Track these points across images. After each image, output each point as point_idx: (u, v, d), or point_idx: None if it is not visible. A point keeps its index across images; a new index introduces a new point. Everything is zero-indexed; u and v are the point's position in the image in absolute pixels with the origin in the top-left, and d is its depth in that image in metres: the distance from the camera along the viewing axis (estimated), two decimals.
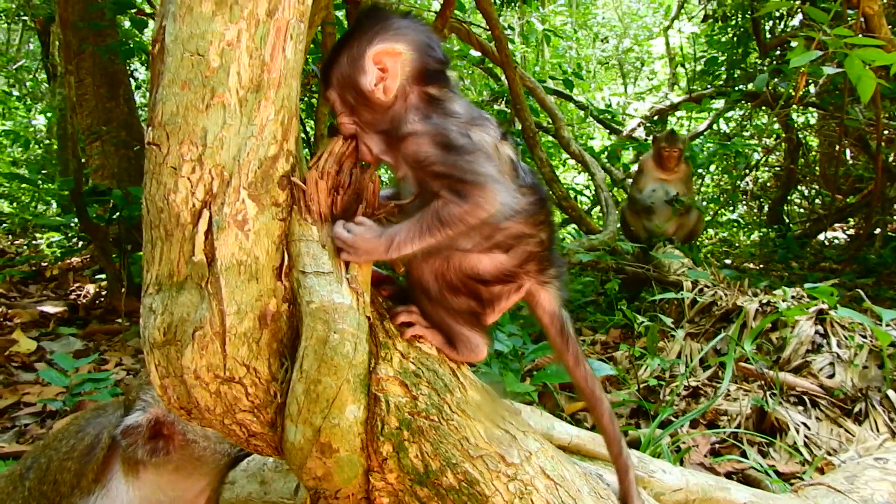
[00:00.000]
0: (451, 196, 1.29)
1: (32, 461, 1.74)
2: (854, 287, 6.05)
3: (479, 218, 1.29)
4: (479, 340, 1.46)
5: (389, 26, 1.39)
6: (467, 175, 1.28)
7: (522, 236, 1.42)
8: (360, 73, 1.38)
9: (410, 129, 1.35)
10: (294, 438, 1.29)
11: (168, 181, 1.24)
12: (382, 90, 1.37)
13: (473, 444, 1.35)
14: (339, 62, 1.41)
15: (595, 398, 1.60)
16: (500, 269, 1.43)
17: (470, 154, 1.30)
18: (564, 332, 1.59)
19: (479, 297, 1.45)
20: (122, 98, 7.09)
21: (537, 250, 1.46)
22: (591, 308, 6.68)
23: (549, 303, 1.55)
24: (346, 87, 1.40)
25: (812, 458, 3.14)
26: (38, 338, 4.68)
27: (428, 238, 1.31)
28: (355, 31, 1.42)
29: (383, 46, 1.37)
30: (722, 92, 8.78)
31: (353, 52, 1.39)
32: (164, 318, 1.26)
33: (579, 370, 1.60)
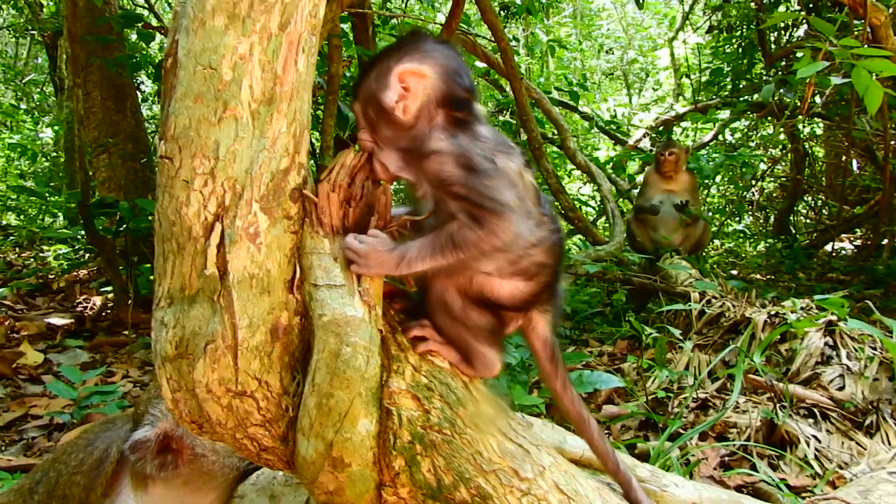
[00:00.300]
0: (468, 220, 1.28)
1: (42, 475, 1.73)
2: (862, 298, 6.02)
3: (492, 245, 1.29)
4: (495, 357, 1.46)
5: (420, 48, 1.40)
6: (485, 201, 1.28)
7: (543, 265, 1.41)
8: (384, 89, 1.39)
9: (435, 147, 1.34)
10: (306, 452, 1.28)
11: (180, 194, 1.24)
12: (402, 109, 1.38)
13: (486, 459, 1.34)
14: (368, 77, 1.43)
15: (583, 419, 1.61)
16: (517, 296, 1.43)
17: (492, 179, 1.30)
18: (554, 357, 1.59)
19: (499, 316, 1.45)
20: (129, 111, 7.13)
21: (551, 280, 1.46)
22: (597, 319, 6.66)
23: (543, 329, 1.55)
24: (368, 102, 1.42)
25: (823, 471, 3.12)
26: (45, 350, 4.68)
27: (440, 259, 1.31)
28: (390, 49, 1.44)
29: (409, 66, 1.38)
30: (727, 103, 8.78)
31: (381, 69, 1.40)
32: (175, 332, 1.26)
33: (566, 395, 1.60)
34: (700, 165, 6.80)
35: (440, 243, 1.30)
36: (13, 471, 2.82)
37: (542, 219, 1.38)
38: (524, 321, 1.52)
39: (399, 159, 1.41)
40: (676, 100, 12.48)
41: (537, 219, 1.36)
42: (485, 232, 1.27)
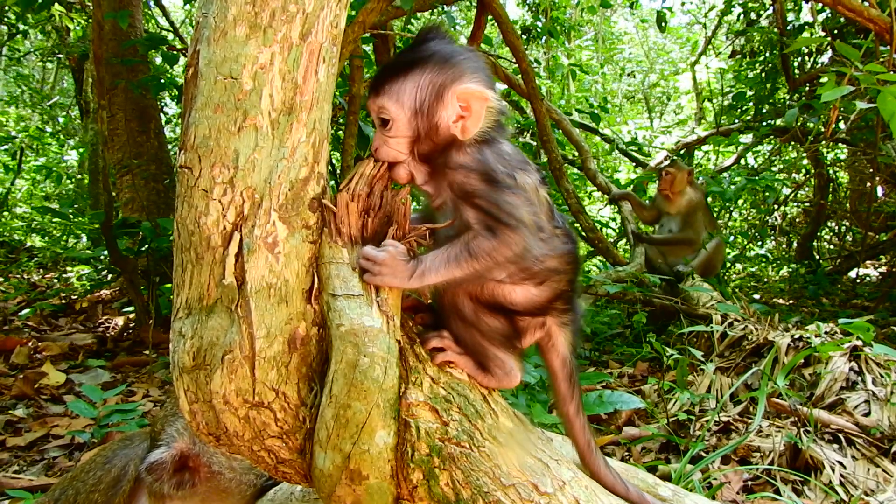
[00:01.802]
0: (484, 231, 1.32)
1: (60, 493, 1.73)
2: (887, 325, 5.92)
3: (504, 256, 1.32)
4: (514, 365, 1.45)
5: (474, 65, 1.42)
6: (503, 216, 1.31)
7: (555, 271, 1.43)
8: (441, 105, 1.38)
9: (463, 162, 1.36)
10: (323, 465, 1.27)
11: (199, 204, 1.24)
12: (461, 129, 1.38)
13: (506, 472, 1.32)
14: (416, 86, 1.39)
15: (590, 449, 1.59)
16: (531, 301, 1.44)
17: (512, 196, 1.33)
18: (572, 379, 1.59)
19: (513, 322, 1.45)
20: (153, 132, 7.24)
21: (565, 288, 1.47)
22: (617, 340, 6.60)
23: (563, 346, 1.56)
24: (419, 115, 1.39)
25: (849, 497, 3.04)
26: (68, 370, 4.72)
27: (454, 268, 1.32)
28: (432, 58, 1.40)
29: (473, 88, 1.38)
30: (750, 127, 8.74)
31: (436, 81, 1.38)
32: (193, 343, 1.25)
33: (578, 420, 1.60)
34: (722, 189, 6.74)
35: (455, 253, 1.33)
36: (34, 490, 2.82)
37: (554, 231, 1.42)
38: (543, 337, 1.52)
39: (425, 172, 1.43)
40: (698, 123, 12.45)
41: (550, 232, 1.40)
42: (499, 242, 1.31)
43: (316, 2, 1.27)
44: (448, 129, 1.38)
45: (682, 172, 6.56)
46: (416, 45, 1.44)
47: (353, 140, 5.74)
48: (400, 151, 1.41)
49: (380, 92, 1.41)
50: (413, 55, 1.41)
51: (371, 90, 1.43)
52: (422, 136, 1.40)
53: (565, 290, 1.48)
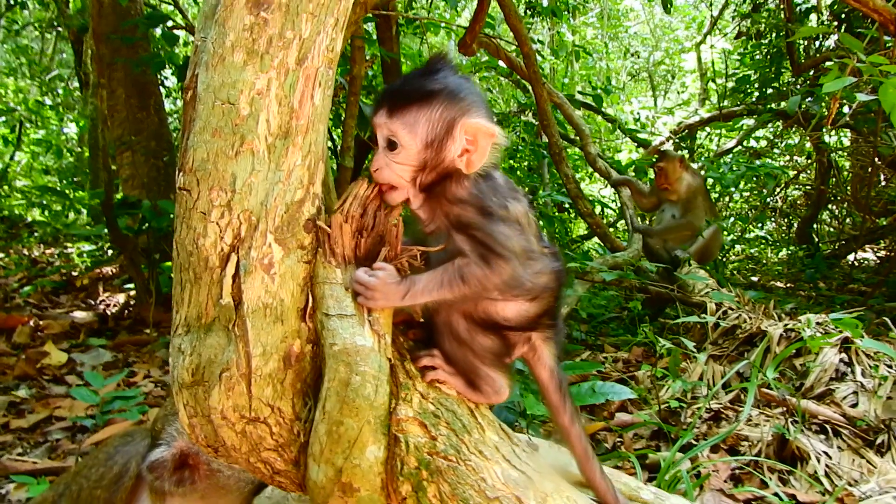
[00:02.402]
0: (477, 259, 1.37)
1: (64, 488, 1.79)
2: (883, 311, 5.96)
3: (493, 283, 1.37)
4: (503, 382, 1.49)
5: (481, 102, 1.45)
6: (496, 247, 1.37)
7: (546, 288, 1.48)
8: (450, 139, 1.41)
9: (460, 196, 1.41)
10: (316, 477, 1.32)
11: (198, 226, 1.28)
12: (466, 163, 1.42)
13: (490, 485, 1.37)
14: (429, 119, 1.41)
15: (587, 457, 1.62)
16: (523, 316, 1.49)
17: (506, 227, 1.39)
18: (562, 388, 1.62)
19: (505, 340, 1.49)
20: (153, 109, 7.22)
21: (552, 304, 1.52)
22: (613, 324, 6.66)
23: (548, 358, 1.59)
24: (429, 147, 1.42)
25: (833, 488, 3.11)
26: (69, 349, 4.78)
27: (445, 291, 1.38)
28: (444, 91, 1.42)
29: (482, 124, 1.41)
30: (753, 110, 8.72)
31: (446, 115, 1.41)
32: (192, 360, 1.30)
33: (574, 429, 1.62)
34: (721, 174, 6.74)
35: (448, 277, 1.38)
36: (37, 474, 2.89)
37: (543, 250, 1.48)
38: (528, 352, 1.56)
39: (422, 197, 1.46)
40: (702, 105, 12.40)
41: (539, 251, 1.46)
42: (490, 271, 1.36)
43: (312, 27, 1.29)
44: (453, 161, 1.42)
45: (674, 162, 6.55)
46: (428, 73, 1.45)
47: (354, 121, 5.74)
48: (401, 178, 1.44)
49: (394, 116, 1.42)
50: (427, 85, 1.43)
51: (384, 111, 1.44)
52: (427, 167, 1.43)
53: (552, 305, 1.53)
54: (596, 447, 3.76)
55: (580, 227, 10.77)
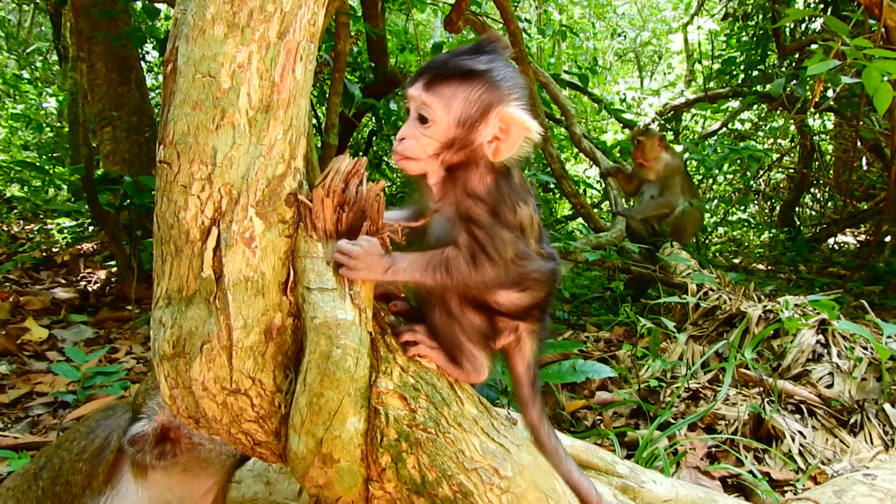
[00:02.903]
0: (467, 255, 1.39)
1: (46, 461, 1.79)
2: (861, 295, 6.05)
3: (475, 281, 1.40)
4: (484, 362, 1.51)
5: (524, 95, 1.43)
6: (490, 251, 1.39)
7: (537, 282, 1.50)
8: (483, 123, 1.40)
9: (478, 192, 1.42)
10: (297, 448, 1.34)
11: (178, 199, 1.28)
12: (493, 150, 1.41)
13: (468, 457, 1.39)
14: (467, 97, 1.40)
15: (558, 455, 1.63)
16: (513, 304, 1.51)
17: (507, 234, 1.41)
18: (534, 385, 1.65)
19: (493, 322, 1.52)
20: (134, 84, 7.13)
21: (543, 299, 1.55)
22: (596, 304, 6.71)
23: (529, 353, 1.62)
24: (460, 125, 1.41)
25: (806, 466, 3.18)
26: (50, 326, 4.75)
27: (427, 276, 1.40)
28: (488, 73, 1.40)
29: (519, 115, 1.39)
30: (738, 92, 8.75)
31: (485, 98, 1.40)
32: (173, 332, 1.30)
33: (542, 428, 1.65)
34: (702, 157, 6.78)
35: (433, 263, 1.40)
36: (19, 449, 2.88)
37: (540, 252, 1.50)
38: (512, 342, 1.58)
39: (440, 174, 1.47)
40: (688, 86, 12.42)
41: (536, 252, 1.49)
42: (475, 270, 1.39)
43: (294, 1, 1.29)
44: (481, 146, 1.41)
45: (653, 139, 6.57)
46: (475, 53, 1.43)
47: (338, 98, 5.71)
48: (426, 152, 1.43)
49: (431, 89, 1.41)
50: (471, 64, 1.41)
51: (421, 82, 1.42)
52: (454, 146, 1.42)
53: (544, 300, 1.55)
54: (576, 425, 3.81)
55: (564, 208, 10.81)
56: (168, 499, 1.76)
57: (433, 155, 1.43)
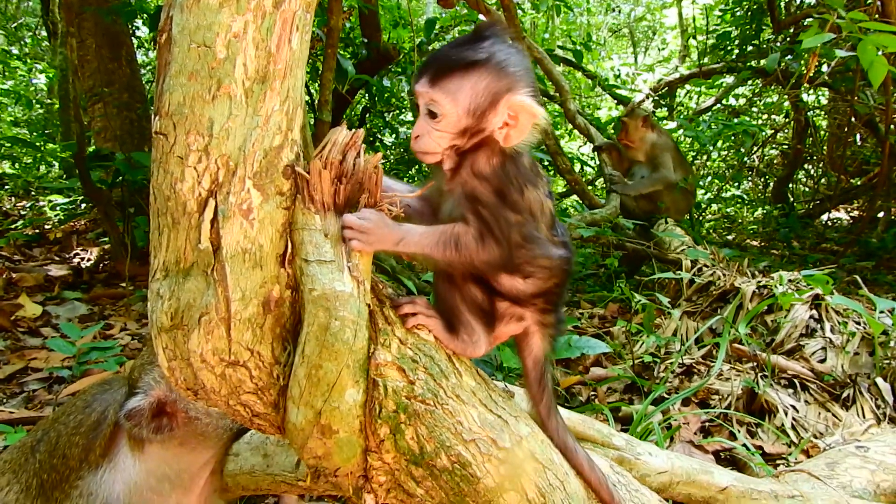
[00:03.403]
0: (476, 233, 1.41)
1: (43, 434, 1.79)
2: (854, 270, 6.09)
3: (481, 260, 1.42)
4: (482, 337, 1.51)
5: (530, 79, 1.44)
6: (496, 230, 1.41)
7: (544, 269, 1.50)
8: (493, 112, 1.41)
9: (485, 173, 1.43)
10: (296, 420, 1.34)
11: (175, 170, 1.27)
12: (504, 136, 1.42)
13: (467, 428, 1.40)
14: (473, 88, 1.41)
15: (569, 449, 1.63)
16: (514, 289, 1.51)
17: (513, 216, 1.43)
18: (543, 382, 1.65)
19: (491, 302, 1.52)
20: (125, 59, 7.04)
21: (551, 288, 1.54)
22: (590, 281, 6.73)
23: (538, 349, 1.62)
24: (470, 116, 1.42)
25: (799, 440, 3.21)
26: (44, 302, 4.74)
27: (436, 251, 1.41)
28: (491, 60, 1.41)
29: (527, 103, 1.40)
30: (733, 68, 8.71)
31: (493, 87, 1.40)
32: (171, 304, 1.30)
33: (551, 422, 1.64)
34: (696, 133, 6.77)
35: (444, 239, 1.41)
36: (15, 424, 2.89)
37: (552, 239, 1.51)
38: (521, 334, 1.58)
39: (455, 160, 1.47)
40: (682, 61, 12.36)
41: (547, 239, 1.50)
42: (483, 249, 1.41)
43: None
44: (492, 133, 1.43)
45: (636, 120, 6.59)
46: (475, 41, 1.43)
47: (332, 74, 5.65)
48: (441, 145, 1.45)
49: (436, 85, 1.42)
50: (473, 54, 1.41)
51: (426, 79, 1.43)
52: (466, 134, 1.43)
53: (550, 290, 1.54)
54: (570, 400, 3.83)
55: (558, 185, 10.80)
56: (165, 472, 1.77)
57: (449, 146, 1.45)
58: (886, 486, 2.43)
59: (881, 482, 2.42)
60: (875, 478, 2.41)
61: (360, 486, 1.44)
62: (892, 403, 3.37)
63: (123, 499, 1.73)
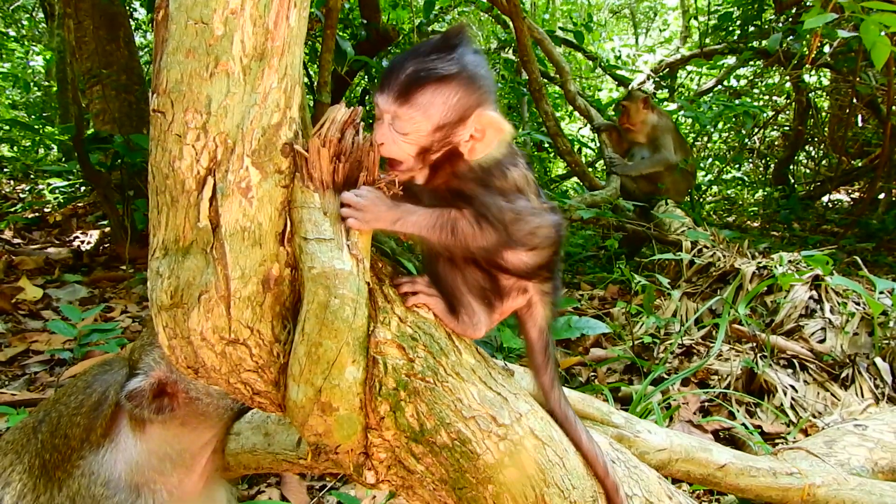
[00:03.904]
0: (472, 217, 1.41)
1: (44, 415, 1.80)
2: (854, 252, 6.09)
3: (478, 245, 1.42)
4: (483, 317, 1.50)
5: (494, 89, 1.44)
6: (490, 215, 1.41)
7: (546, 239, 1.50)
8: (462, 126, 1.40)
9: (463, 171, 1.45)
10: (296, 397, 1.35)
11: (173, 148, 1.26)
12: (469, 150, 1.42)
13: (466, 405, 1.41)
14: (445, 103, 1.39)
15: (569, 422, 1.62)
16: (521, 263, 1.51)
17: (501, 200, 1.43)
18: (547, 351, 1.65)
19: (495, 281, 1.51)
20: (122, 41, 7.00)
21: (551, 258, 1.54)
22: (590, 263, 6.74)
23: (541, 317, 1.62)
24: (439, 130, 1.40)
25: (797, 419, 3.23)
26: (44, 285, 4.75)
27: (433, 234, 1.41)
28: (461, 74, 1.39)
29: (494, 118, 1.40)
30: (734, 49, 8.66)
31: (463, 102, 1.39)
32: (170, 282, 1.30)
33: (554, 393, 1.64)
34: (696, 114, 6.74)
35: (440, 223, 1.41)
36: (17, 405, 2.90)
37: (542, 206, 1.51)
38: (524, 307, 1.58)
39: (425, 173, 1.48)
40: (683, 42, 12.28)
41: (539, 207, 1.50)
42: (480, 233, 1.41)
43: None
44: (458, 145, 1.42)
45: (637, 103, 6.59)
46: (444, 51, 1.40)
47: (330, 55, 5.62)
48: (409, 154, 1.43)
49: (408, 100, 1.38)
50: (445, 67, 1.38)
51: (394, 93, 1.39)
52: (433, 148, 1.42)
53: (551, 257, 1.54)
54: (570, 381, 3.85)
55: (559, 167, 10.77)
56: (167, 451, 1.77)
57: (415, 156, 1.44)
58: (884, 463, 2.44)
59: (879, 459, 2.43)
60: (873, 455, 2.42)
61: (360, 463, 1.45)
62: (890, 383, 3.38)
63: (125, 478, 1.74)
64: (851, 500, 2.14)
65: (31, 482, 1.74)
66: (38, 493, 1.72)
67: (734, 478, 2.12)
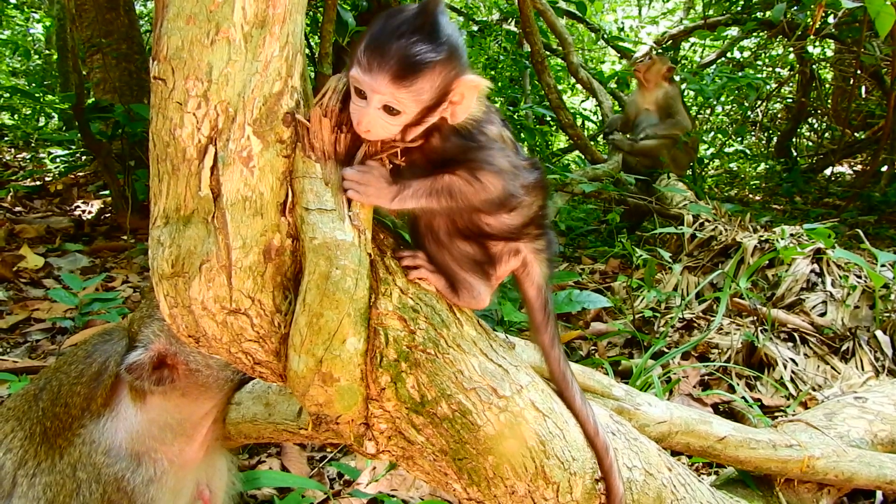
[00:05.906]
0: (468, 176, 1.39)
1: (45, 382, 1.81)
2: (856, 225, 6.08)
3: (482, 199, 1.40)
4: (483, 289, 1.50)
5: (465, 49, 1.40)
6: (484, 164, 1.39)
7: (532, 193, 1.48)
8: (440, 91, 1.35)
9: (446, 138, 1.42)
10: (297, 367, 1.35)
11: (174, 116, 1.25)
12: (451, 113, 1.39)
13: (467, 377, 1.41)
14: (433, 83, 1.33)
15: (566, 381, 1.63)
16: (504, 225, 1.49)
17: (488, 151, 1.42)
18: (547, 309, 1.64)
19: (485, 249, 1.50)
20: (123, 9, 6.93)
21: (536, 213, 1.52)
22: (591, 237, 6.73)
23: (538, 275, 1.60)
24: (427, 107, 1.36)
25: (797, 392, 3.24)
26: (45, 254, 4.75)
27: (433, 202, 1.39)
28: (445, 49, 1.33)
29: (472, 80, 1.37)
30: (738, 20, 8.56)
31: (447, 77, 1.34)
32: (171, 251, 1.30)
33: (554, 352, 1.64)
34: (700, 87, 6.68)
35: (437, 189, 1.39)
36: (19, 373, 2.92)
37: (522, 163, 1.48)
38: (519, 267, 1.57)
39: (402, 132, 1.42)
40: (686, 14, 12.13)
41: (520, 164, 1.47)
42: (480, 186, 1.39)
43: None
44: (440, 113, 1.38)
45: (663, 65, 6.49)
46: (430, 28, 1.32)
47: (332, 26, 5.56)
48: (392, 133, 1.38)
49: (402, 84, 1.31)
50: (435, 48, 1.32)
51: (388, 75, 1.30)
52: (418, 121, 1.38)
53: (536, 214, 1.52)
54: (571, 354, 3.86)
55: (560, 140, 10.71)
56: (167, 421, 1.79)
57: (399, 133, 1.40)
58: (884, 435, 2.46)
59: (878, 431, 2.45)
60: (873, 427, 2.44)
61: (361, 434, 1.46)
62: (890, 356, 3.39)
63: (126, 447, 1.75)
64: (850, 471, 2.16)
65: (33, 449, 1.76)
66: (40, 459, 1.74)
67: (734, 450, 2.13)
